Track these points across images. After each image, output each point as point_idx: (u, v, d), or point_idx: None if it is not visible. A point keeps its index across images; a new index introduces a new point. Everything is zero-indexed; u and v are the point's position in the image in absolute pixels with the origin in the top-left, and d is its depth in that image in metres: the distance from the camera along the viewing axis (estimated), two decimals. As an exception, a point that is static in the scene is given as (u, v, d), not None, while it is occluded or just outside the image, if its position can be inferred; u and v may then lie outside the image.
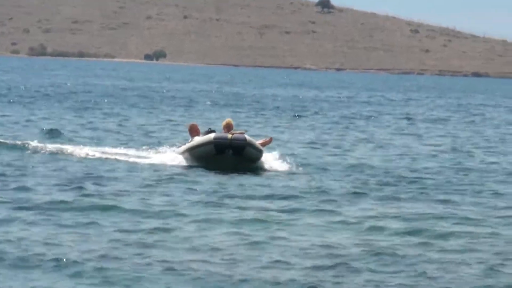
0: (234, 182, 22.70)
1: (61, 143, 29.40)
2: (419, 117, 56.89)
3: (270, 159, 26.22)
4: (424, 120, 54.37)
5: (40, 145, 27.83)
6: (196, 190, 21.19)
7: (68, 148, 27.73)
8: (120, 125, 40.24)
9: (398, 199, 21.34)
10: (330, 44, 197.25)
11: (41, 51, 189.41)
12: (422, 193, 22.48)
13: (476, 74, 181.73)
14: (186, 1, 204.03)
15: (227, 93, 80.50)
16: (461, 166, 28.88)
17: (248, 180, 23.21)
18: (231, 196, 20.68)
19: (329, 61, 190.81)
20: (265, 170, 25.42)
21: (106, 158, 26.25)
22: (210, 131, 26.20)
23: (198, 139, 25.99)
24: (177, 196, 20.49)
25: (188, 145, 26.19)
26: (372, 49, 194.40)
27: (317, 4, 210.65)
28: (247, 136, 25.52)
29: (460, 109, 69.32)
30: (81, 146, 28.29)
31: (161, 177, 23.21)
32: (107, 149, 28.28)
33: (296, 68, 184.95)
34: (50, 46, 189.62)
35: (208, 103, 61.36)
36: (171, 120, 44.41)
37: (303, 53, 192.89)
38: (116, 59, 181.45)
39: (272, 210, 19.14)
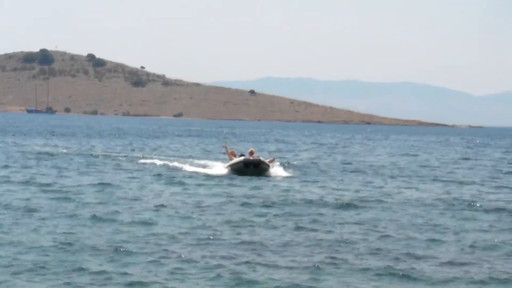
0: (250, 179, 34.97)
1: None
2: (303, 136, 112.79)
3: (275, 169, 37.93)
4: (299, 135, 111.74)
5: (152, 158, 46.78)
6: (233, 183, 33.37)
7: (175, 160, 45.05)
8: (182, 144, 71.65)
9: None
10: (254, 108, 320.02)
11: (127, 114, 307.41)
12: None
13: (319, 121, 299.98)
14: (191, 91, 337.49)
15: (204, 131, 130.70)
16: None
17: (259, 179, 35.01)
18: (247, 179, 34.34)
19: (254, 116, 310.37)
20: (270, 175, 36.70)
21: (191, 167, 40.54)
22: (241, 155, 37.57)
23: (235, 160, 37.18)
24: (227, 182, 33.43)
25: (230, 162, 37.44)
26: (273, 111, 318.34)
27: (249, 92, 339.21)
28: (261, 158, 36.80)
29: (312, 134, 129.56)
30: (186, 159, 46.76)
31: (218, 177, 35.90)
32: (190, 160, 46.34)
33: (240, 119, 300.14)
34: (131, 112, 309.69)
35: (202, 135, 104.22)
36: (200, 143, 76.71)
37: (243, 113, 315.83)
38: (161, 116, 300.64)
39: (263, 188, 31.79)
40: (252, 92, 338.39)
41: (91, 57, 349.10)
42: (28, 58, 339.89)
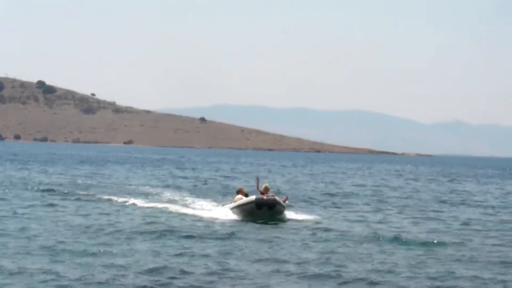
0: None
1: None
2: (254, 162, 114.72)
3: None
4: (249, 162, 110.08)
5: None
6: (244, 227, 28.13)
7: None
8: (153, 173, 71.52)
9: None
10: (205, 136, 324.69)
11: (77, 141, 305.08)
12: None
13: (270, 149, 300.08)
14: (142, 118, 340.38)
15: (153, 158, 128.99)
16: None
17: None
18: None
19: (205, 144, 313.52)
20: (284, 219, 30.42)
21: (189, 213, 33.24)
22: (245, 195, 31.67)
23: (244, 200, 31.03)
24: (236, 226, 28.37)
25: (236, 203, 31.20)
26: (224, 139, 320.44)
27: (200, 119, 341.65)
28: (276, 197, 30.72)
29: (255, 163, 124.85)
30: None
31: (221, 221, 29.78)
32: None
33: (191, 147, 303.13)
34: (82, 139, 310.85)
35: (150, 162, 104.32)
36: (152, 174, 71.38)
37: (193, 140, 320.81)
38: (111, 144, 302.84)
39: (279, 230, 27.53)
40: (202, 119, 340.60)
41: (41, 84, 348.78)
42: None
